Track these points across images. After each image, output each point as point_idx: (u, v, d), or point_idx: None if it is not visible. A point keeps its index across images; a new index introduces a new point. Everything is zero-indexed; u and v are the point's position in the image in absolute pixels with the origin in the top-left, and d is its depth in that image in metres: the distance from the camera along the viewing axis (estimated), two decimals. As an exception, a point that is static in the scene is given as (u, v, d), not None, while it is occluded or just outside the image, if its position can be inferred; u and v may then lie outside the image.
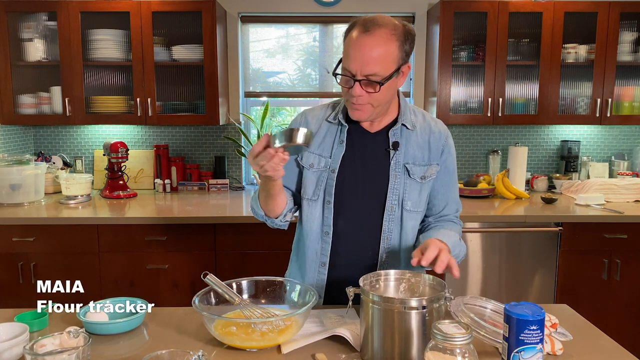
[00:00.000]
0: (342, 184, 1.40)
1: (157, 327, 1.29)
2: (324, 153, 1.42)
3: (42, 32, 2.97)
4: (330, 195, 1.40)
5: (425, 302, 1.03)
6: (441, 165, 1.44)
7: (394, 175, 1.39)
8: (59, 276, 2.54)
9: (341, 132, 1.42)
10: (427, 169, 1.41)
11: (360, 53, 1.24)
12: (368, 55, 1.23)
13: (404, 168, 1.40)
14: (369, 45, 1.23)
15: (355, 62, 1.25)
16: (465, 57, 3.00)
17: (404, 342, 1.05)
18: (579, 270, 2.62)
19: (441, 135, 1.44)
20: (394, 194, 1.39)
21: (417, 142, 1.42)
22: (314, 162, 1.42)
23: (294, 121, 1.50)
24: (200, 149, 3.28)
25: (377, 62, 1.24)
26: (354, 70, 1.25)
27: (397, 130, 1.40)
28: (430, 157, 1.42)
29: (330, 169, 1.41)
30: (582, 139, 3.29)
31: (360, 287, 1.11)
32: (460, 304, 1.17)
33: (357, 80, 1.26)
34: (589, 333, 1.26)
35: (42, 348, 1.02)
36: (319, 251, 1.44)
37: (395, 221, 1.40)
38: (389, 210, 1.39)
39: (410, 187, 1.40)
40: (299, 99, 3.36)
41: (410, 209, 1.41)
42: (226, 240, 2.55)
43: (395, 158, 1.39)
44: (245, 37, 3.27)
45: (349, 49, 1.26)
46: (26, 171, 2.73)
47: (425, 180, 1.41)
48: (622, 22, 2.90)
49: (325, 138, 1.43)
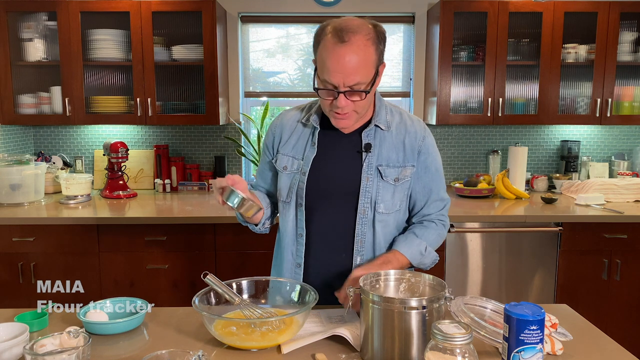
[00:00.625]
0: (314, 187, 1.39)
1: (157, 327, 1.29)
2: (297, 155, 1.42)
3: (42, 32, 2.97)
4: (302, 197, 1.39)
5: (425, 302, 1.03)
6: (419, 166, 1.41)
7: (366, 178, 1.36)
8: (59, 276, 2.54)
9: (313, 134, 1.41)
10: (401, 171, 1.38)
11: (340, 65, 1.21)
12: (349, 66, 1.21)
13: (376, 170, 1.37)
14: (347, 55, 1.20)
15: (336, 74, 1.22)
16: (465, 57, 3.00)
17: (404, 342, 1.05)
18: (579, 270, 2.62)
19: (417, 135, 1.40)
20: (366, 196, 1.36)
21: (391, 143, 1.38)
22: (288, 165, 1.42)
23: (271, 124, 1.52)
24: (200, 149, 3.28)
25: (358, 72, 1.22)
26: (336, 83, 1.23)
27: (371, 132, 1.38)
28: (405, 159, 1.39)
29: (301, 172, 1.40)
30: (582, 139, 3.29)
31: (360, 287, 1.11)
32: (460, 304, 1.17)
33: (341, 92, 1.24)
34: (589, 333, 1.26)
35: (42, 348, 1.02)
36: (294, 252, 1.44)
37: (368, 224, 1.38)
38: (361, 213, 1.37)
39: (384, 190, 1.37)
40: (299, 99, 3.36)
41: (382, 212, 1.38)
42: (226, 240, 2.55)
43: (368, 160, 1.37)
44: (245, 37, 3.27)
45: (326, 61, 1.22)
46: (26, 171, 2.73)
47: (399, 182, 1.38)
48: (622, 22, 2.90)
49: (299, 140, 1.43)
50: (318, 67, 1.27)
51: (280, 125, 1.46)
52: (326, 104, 1.30)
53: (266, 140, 1.51)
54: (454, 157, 3.31)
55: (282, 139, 1.45)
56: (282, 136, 1.45)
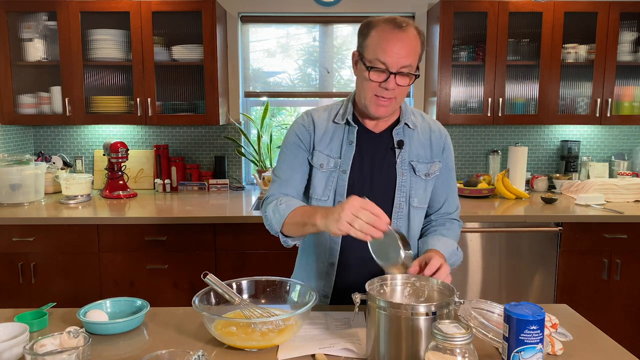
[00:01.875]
0: (352, 185, 1.41)
1: (157, 327, 1.29)
2: (332, 154, 1.42)
3: (42, 32, 2.97)
4: (342, 196, 1.40)
5: (434, 307, 1.00)
6: (442, 162, 1.48)
7: (401, 173, 1.42)
8: (59, 276, 2.56)
9: (349, 132, 1.43)
10: (430, 166, 1.45)
11: (398, 46, 1.28)
12: (405, 49, 1.28)
13: (409, 165, 1.43)
14: (404, 40, 1.28)
15: (393, 54, 1.28)
16: (465, 57, 3.00)
17: (412, 348, 1.01)
18: (579, 270, 2.62)
19: (441, 133, 1.49)
20: (402, 191, 1.42)
21: (419, 141, 1.45)
22: (324, 163, 1.42)
23: (298, 122, 1.48)
24: (200, 149, 3.28)
25: (410, 56, 1.29)
26: (390, 63, 1.28)
27: (400, 130, 1.44)
28: (432, 155, 1.46)
29: (340, 170, 1.41)
30: (582, 139, 3.29)
31: (366, 292, 1.08)
32: (468, 308, 1.16)
33: (393, 73, 1.29)
34: (589, 333, 1.25)
35: (42, 348, 1.02)
36: (327, 251, 1.44)
37: (403, 218, 1.43)
38: (397, 208, 1.42)
39: (416, 184, 1.43)
40: (299, 99, 3.36)
41: (417, 206, 1.44)
42: (226, 240, 2.55)
43: (401, 156, 1.42)
44: (245, 37, 3.27)
45: (382, 42, 1.29)
46: (26, 171, 2.73)
47: (429, 177, 1.45)
48: (622, 22, 2.90)
49: (333, 139, 1.44)
50: (369, 50, 1.31)
51: (312, 123, 1.45)
52: (371, 86, 1.32)
53: (298, 137, 1.45)
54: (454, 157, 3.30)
55: (317, 136, 1.44)
56: (317, 133, 1.44)
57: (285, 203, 1.35)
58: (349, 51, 3.29)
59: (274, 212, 1.36)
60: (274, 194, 1.44)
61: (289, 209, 1.33)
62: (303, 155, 1.45)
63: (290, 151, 1.46)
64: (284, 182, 1.45)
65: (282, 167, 1.47)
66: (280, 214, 1.34)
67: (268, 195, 1.46)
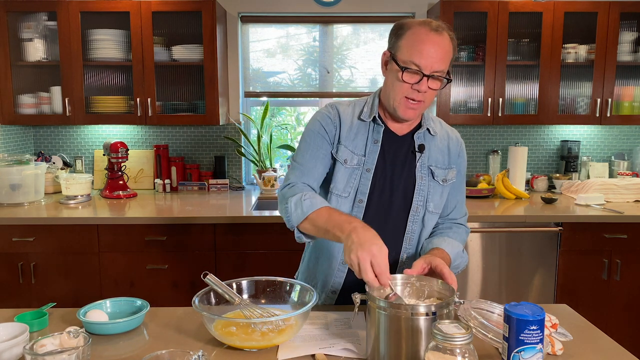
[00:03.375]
0: (374, 184, 1.41)
1: (157, 327, 1.29)
2: (356, 150, 1.42)
3: (42, 32, 2.97)
4: (364, 194, 1.40)
5: (434, 307, 1.00)
6: (456, 169, 1.49)
7: (420, 177, 1.42)
8: (59, 276, 2.56)
9: (374, 131, 1.42)
10: (447, 172, 1.46)
11: (433, 49, 1.27)
12: (440, 52, 1.28)
13: (428, 170, 1.44)
14: (440, 44, 1.28)
15: (428, 57, 1.27)
16: (465, 57, 3.00)
17: (412, 348, 1.01)
18: (579, 270, 2.62)
19: (458, 141, 1.51)
20: (420, 195, 1.42)
21: (438, 147, 1.46)
22: (348, 158, 1.41)
23: (323, 113, 1.44)
24: (200, 149, 3.28)
25: (444, 60, 1.29)
26: (424, 66, 1.28)
27: (421, 135, 1.44)
28: (449, 161, 1.47)
29: (365, 168, 1.41)
30: (582, 139, 3.29)
31: (367, 292, 1.08)
32: (468, 308, 1.16)
33: (427, 75, 1.29)
34: (589, 333, 1.25)
35: (42, 348, 1.02)
36: (342, 249, 1.42)
37: (418, 222, 1.44)
38: (414, 211, 1.42)
39: (434, 189, 1.44)
40: (299, 99, 3.36)
41: (432, 211, 1.45)
42: (226, 240, 2.55)
43: (421, 160, 1.43)
44: (245, 37, 3.27)
45: (418, 44, 1.28)
46: (26, 171, 2.73)
47: (446, 184, 1.46)
48: (622, 22, 2.90)
49: (358, 135, 1.42)
50: (404, 52, 1.30)
51: (338, 117, 1.43)
52: (403, 88, 1.32)
53: (324, 128, 1.42)
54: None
55: (343, 131, 1.42)
56: (342, 127, 1.42)
57: (310, 199, 1.30)
58: (349, 51, 3.29)
59: (296, 206, 1.30)
60: (296, 183, 1.39)
61: (313, 207, 1.28)
62: (327, 147, 1.42)
63: (314, 140, 1.42)
64: (306, 171, 1.40)
65: (305, 155, 1.42)
66: (303, 210, 1.29)
67: (290, 182, 1.40)
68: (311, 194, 1.32)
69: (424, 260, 1.23)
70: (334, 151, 1.42)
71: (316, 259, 1.52)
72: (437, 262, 1.21)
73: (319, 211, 1.27)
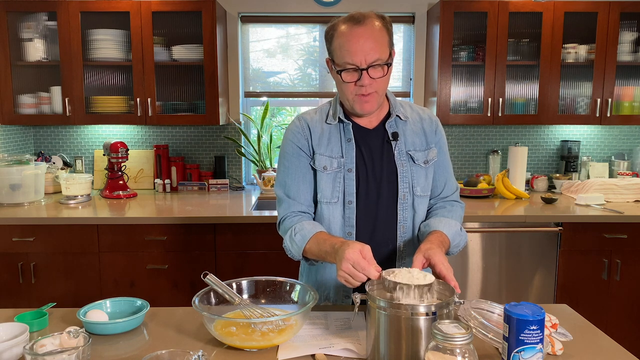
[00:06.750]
0: (358, 183, 1.42)
1: (157, 327, 1.29)
2: (333, 154, 1.42)
3: (42, 32, 2.97)
4: (351, 194, 1.41)
5: (434, 307, 1.00)
6: (437, 147, 1.49)
7: (401, 164, 1.43)
8: (59, 276, 2.56)
9: (345, 130, 1.44)
10: (427, 153, 1.46)
11: (359, 44, 1.28)
12: (368, 44, 1.28)
13: (407, 156, 1.44)
14: (365, 34, 1.29)
15: (357, 53, 1.28)
16: (465, 57, 3.00)
17: (412, 348, 1.01)
18: (579, 270, 2.62)
19: (431, 120, 1.51)
20: (404, 182, 1.43)
21: (412, 130, 1.47)
22: (327, 165, 1.42)
23: (292, 130, 1.46)
24: (200, 149, 3.28)
25: (376, 48, 1.29)
26: (358, 61, 1.29)
27: (393, 122, 1.45)
28: (427, 142, 1.48)
29: (346, 169, 1.41)
30: (582, 139, 3.29)
31: (367, 292, 1.08)
32: (468, 308, 1.16)
33: (364, 69, 1.30)
34: (589, 333, 1.25)
35: (42, 348, 1.02)
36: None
37: (408, 209, 1.45)
38: (402, 199, 1.43)
39: (417, 173, 1.45)
40: (299, 99, 3.36)
41: (420, 194, 1.45)
42: (226, 240, 2.55)
43: (398, 147, 1.44)
44: (245, 37, 3.27)
45: (345, 44, 1.30)
46: (26, 171, 2.73)
47: (428, 165, 1.46)
48: (622, 22, 2.90)
49: (330, 139, 1.44)
50: (337, 55, 1.33)
51: (307, 127, 1.45)
52: (349, 88, 1.34)
53: (296, 145, 1.43)
54: (453, 157, 3.30)
55: (314, 139, 1.44)
56: (313, 136, 1.44)
57: (299, 233, 1.35)
58: (349, 51, 3.28)
59: (290, 243, 1.37)
60: (286, 216, 1.42)
61: (304, 241, 1.33)
62: (305, 162, 1.44)
63: (290, 162, 1.44)
64: (292, 200, 1.43)
65: (286, 182, 1.44)
66: (297, 245, 1.35)
67: (281, 218, 1.44)
68: (299, 227, 1.36)
69: (422, 254, 1.22)
70: (312, 162, 1.43)
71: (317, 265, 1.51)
72: (435, 259, 1.20)
73: (310, 243, 1.33)
